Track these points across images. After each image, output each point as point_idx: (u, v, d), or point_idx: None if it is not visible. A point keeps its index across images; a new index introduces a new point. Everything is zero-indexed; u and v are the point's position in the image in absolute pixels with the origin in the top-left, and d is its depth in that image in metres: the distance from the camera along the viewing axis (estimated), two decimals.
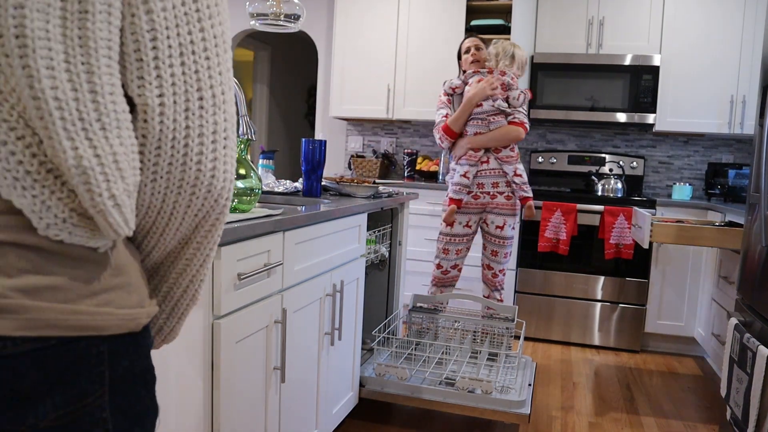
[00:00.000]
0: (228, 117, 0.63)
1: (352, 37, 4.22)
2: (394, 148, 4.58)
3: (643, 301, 3.58)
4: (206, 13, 0.60)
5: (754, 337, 2.07)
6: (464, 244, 2.94)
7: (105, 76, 0.54)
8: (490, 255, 2.94)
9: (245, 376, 1.45)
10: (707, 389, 3.08)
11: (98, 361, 0.58)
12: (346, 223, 2.05)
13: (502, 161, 2.84)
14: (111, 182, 0.54)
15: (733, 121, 3.65)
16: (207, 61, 0.60)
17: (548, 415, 2.65)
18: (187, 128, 0.60)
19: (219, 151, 0.62)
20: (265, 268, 1.46)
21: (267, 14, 2.29)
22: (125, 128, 0.56)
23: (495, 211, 2.88)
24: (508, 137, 2.83)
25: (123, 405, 0.61)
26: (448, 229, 2.92)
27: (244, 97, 1.77)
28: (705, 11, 3.66)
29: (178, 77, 0.58)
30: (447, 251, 2.94)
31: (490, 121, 2.83)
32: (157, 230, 0.65)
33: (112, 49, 0.55)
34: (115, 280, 0.60)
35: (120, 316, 0.59)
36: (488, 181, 2.85)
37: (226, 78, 0.63)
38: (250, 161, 1.58)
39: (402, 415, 2.58)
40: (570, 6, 3.85)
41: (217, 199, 0.64)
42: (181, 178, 0.61)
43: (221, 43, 0.62)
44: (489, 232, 2.91)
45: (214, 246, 0.70)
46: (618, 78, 3.72)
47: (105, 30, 0.54)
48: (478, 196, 2.87)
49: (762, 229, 2.06)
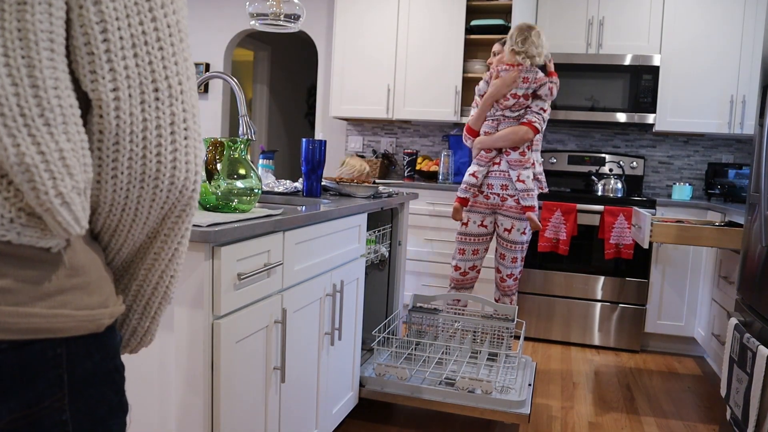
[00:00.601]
0: (187, 107, 0.61)
1: (352, 37, 4.22)
2: (394, 148, 4.58)
3: (643, 301, 3.58)
4: (158, 2, 0.59)
5: (754, 337, 2.07)
6: (481, 245, 2.93)
7: (47, 69, 0.52)
8: (498, 258, 2.93)
9: (245, 376, 1.45)
10: (707, 389, 3.08)
11: (55, 364, 0.56)
12: (346, 223, 2.05)
13: (510, 164, 2.81)
14: (57, 180, 0.52)
15: (733, 121, 3.65)
16: (161, 51, 0.59)
17: (548, 415, 2.65)
18: (144, 121, 0.58)
19: (179, 143, 0.61)
20: (265, 268, 1.46)
21: (267, 14, 2.29)
22: (73, 124, 0.54)
23: (504, 214, 2.87)
24: (515, 137, 2.78)
25: (86, 407, 0.60)
26: (464, 228, 2.93)
27: (244, 97, 1.77)
28: (705, 11, 3.66)
29: (132, 69, 0.57)
30: (463, 251, 2.93)
31: (500, 122, 2.82)
32: (124, 227, 0.64)
33: (55, 42, 0.53)
34: (72, 280, 0.58)
35: (78, 318, 0.58)
36: (497, 182, 2.84)
37: (183, 68, 0.61)
38: (250, 161, 1.58)
39: (402, 415, 2.58)
40: (570, 6, 3.85)
41: (182, 190, 0.63)
42: (142, 171, 0.60)
43: (176, 32, 0.60)
44: (499, 235, 2.91)
45: (182, 240, 0.69)
46: (618, 78, 3.72)
47: (46, 22, 0.52)
48: (489, 197, 2.87)
49: (762, 229, 2.06)
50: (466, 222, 2.91)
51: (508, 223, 2.85)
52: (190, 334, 1.30)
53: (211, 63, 4.93)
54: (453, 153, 4.17)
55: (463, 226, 2.93)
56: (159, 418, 1.36)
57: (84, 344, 0.59)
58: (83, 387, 0.59)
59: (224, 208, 1.51)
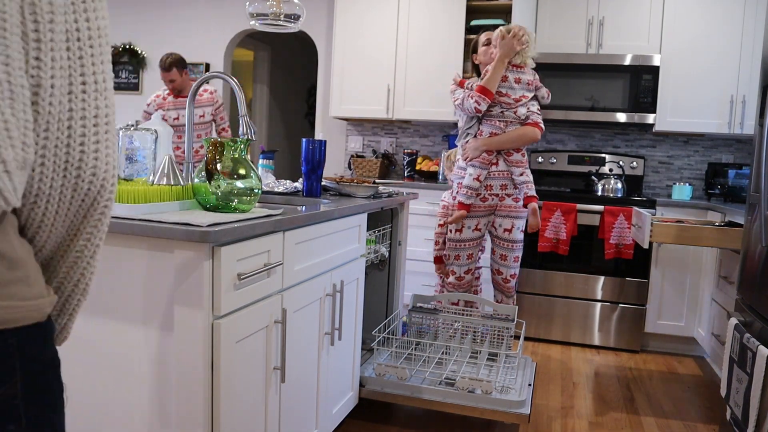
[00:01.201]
0: (109, 104, 0.65)
1: (352, 37, 4.22)
2: (394, 148, 4.58)
3: (643, 301, 3.58)
4: (91, 6, 0.63)
5: (754, 337, 2.07)
6: (475, 248, 2.88)
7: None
8: (499, 259, 2.88)
9: (245, 376, 1.45)
10: (707, 389, 3.08)
11: (7, 354, 0.58)
12: (346, 223, 2.05)
13: (511, 164, 2.79)
14: (2, 147, 0.54)
15: (733, 121, 3.65)
16: (91, 49, 0.63)
17: (548, 415, 2.65)
18: (71, 111, 0.62)
19: (101, 135, 0.64)
20: (265, 268, 1.46)
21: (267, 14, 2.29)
22: (20, 101, 0.57)
23: (503, 214, 2.83)
24: (525, 138, 2.77)
25: (35, 394, 0.62)
26: (457, 235, 2.85)
27: (244, 97, 1.77)
28: (705, 11, 3.66)
29: (65, 61, 0.61)
30: (459, 257, 2.88)
31: (508, 123, 2.77)
32: (48, 221, 0.66)
33: (8, 22, 0.55)
34: (15, 273, 0.60)
35: (26, 308, 0.60)
36: (497, 183, 2.80)
37: (108, 68, 0.66)
38: (250, 161, 1.58)
39: (402, 415, 2.58)
40: (570, 6, 3.85)
41: (103, 183, 0.66)
42: (66, 159, 0.62)
43: (103, 35, 0.65)
44: (497, 236, 2.86)
45: (103, 236, 0.71)
46: (618, 78, 3.72)
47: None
48: (486, 198, 2.81)
49: (762, 229, 2.06)
50: (460, 228, 2.84)
51: (508, 223, 2.83)
52: (190, 334, 1.30)
53: (211, 63, 4.93)
54: None
55: (457, 232, 2.85)
56: (159, 418, 1.36)
57: (31, 333, 0.61)
58: (34, 375, 0.62)
59: (224, 208, 1.51)
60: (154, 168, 1.65)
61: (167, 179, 1.56)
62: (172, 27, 5.01)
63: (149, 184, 1.53)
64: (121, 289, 1.36)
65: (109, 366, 1.39)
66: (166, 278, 1.32)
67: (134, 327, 1.36)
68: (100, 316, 1.38)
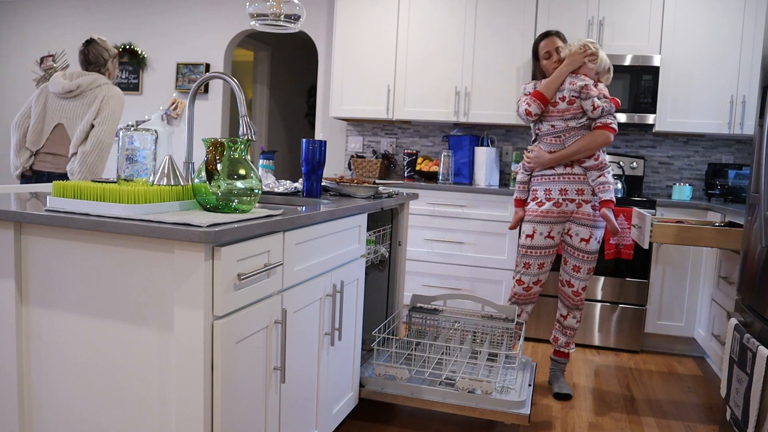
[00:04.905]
0: None
1: (352, 37, 4.22)
2: (394, 149, 4.58)
3: (643, 301, 3.58)
4: None
5: (754, 338, 2.07)
6: (547, 258, 2.74)
7: None
8: (571, 270, 2.75)
9: (245, 376, 1.45)
10: (707, 389, 3.08)
11: None
12: (346, 224, 2.05)
13: (587, 169, 2.67)
14: None
15: (733, 122, 3.65)
16: None
17: (548, 416, 2.65)
18: None
19: None
20: (265, 268, 1.46)
21: (267, 14, 2.29)
22: None
23: (581, 222, 2.69)
24: (593, 145, 2.62)
25: None
26: (529, 241, 2.72)
27: (244, 97, 1.77)
28: (705, 11, 3.66)
29: None
30: (528, 265, 2.74)
31: (563, 137, 2.65)
32: None
33: None
34: None
35: None
36: (572, 187, 2.67)
37: None
38: (250, 161, 1.58)
39: (402, 416, 2.58)
40: (570, 6, 3.85)
41: None
42: None
43: None
44: (572, 245, 2.72)
45: None
46: (618, 78, 3.71)
47: None
48: (560, 204, 2.67)
49: (762, 230, 2.06)
50: (531, 234, 2.71)
51: (586, 233, 2.68)
52: (190, 335, 1.30)
53: (211, 63, 4.93)
54: (453, 153, 4.17)
55: (528, 238, 2.72)
56: (159, 418, 1.36)
57: None
58: None
59: (224, 209, 1.51)
60: (154, 168, 1.65)
61: (167, 179, 1.56)
62: (172, 27, 5.01)
63: (149, 184, 1.53)
64: (121, 289, 1.36)
65: (109, 366, 1.39)
66: (166, 278, 1.32)
67: (134, 327, 1.36)
68: (100, 316, 1.38)
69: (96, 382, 1.40)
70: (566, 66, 2.64)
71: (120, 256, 1.35)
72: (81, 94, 2.99)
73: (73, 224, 1.34)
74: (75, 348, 1.41)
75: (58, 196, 1.45)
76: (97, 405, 1.41)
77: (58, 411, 1.45)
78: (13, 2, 5.47)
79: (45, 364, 1.45)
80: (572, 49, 2.66)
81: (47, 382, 1.46)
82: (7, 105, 5.54)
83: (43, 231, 1.42)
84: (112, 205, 1.37)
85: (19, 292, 1.45)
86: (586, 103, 2.61)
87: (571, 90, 2.63)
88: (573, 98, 2.63)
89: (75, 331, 1.41)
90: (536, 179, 2.77)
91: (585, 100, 2.61)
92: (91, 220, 1.32)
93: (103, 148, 2.96)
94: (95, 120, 2.96)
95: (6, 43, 5.51)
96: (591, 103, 2.60)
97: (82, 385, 1.42)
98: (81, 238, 1.38)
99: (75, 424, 1.44)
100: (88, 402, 1.42)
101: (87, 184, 1.44)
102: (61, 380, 1.44)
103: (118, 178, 1.63)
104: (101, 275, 1.37)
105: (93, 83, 2.99)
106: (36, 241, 1.42)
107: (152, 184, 1.55)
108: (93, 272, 1.38)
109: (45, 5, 5.37)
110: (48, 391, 1.46)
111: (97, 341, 1.39)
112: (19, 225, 1.43)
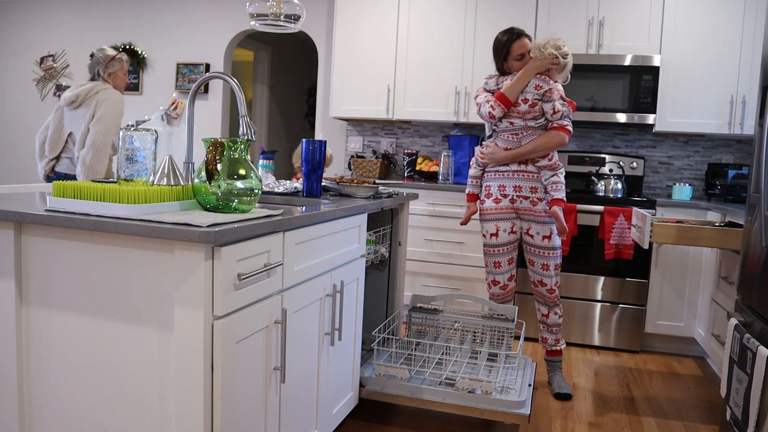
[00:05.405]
0: None
1: (352, 37, 4.22)
2: (394, 149, 4.58)
3: (643, 301, 3.58)
4: None
5: (754, 338, 2.07)
6: (514, 252, 2.79)
7: None
8: (540, 270, 2.77)
9: (245, 376, 1.45)
10: (707, 389, 3.08)
11: None
12: (346, 224, 2.05)
13: (541, 168, 2.71)
14: None
15: (733, 122, 3.65)
16: None
17: (548, 416, 2.65)
18: None
19: None
20: (265, 268, 1.46)
21: (267, 14, 2.29)
22: None
23: (540, 220, 2.72)
24: (551, 144, 2.66)
25: None
26: (493, 240, 2.75)
27: (244, 97, 1.77)
28: (705, 11, 3.66)
29: None
30: (499, 264, 2.78)
31: (521, 135, 2.68)
32: None
33: None
34: None
35: None
36: (526, 185, 2.70)
37: None
38: (250, 161, 1.58)
39: (402, 416, 2.58)
40: (570, 6, 3.85)
41: None
42: None
43: None
44: (535, 245, 2.75)
45: None
46: (618, 78, 3.72)
47: None
48: (515, 200, 2.71)
49: (762, 229, 2.06)
50: (495, 232, 2.74)
51: (546, 230, 2.72)
52: (190, 335, 1.30)
53: (211, 63, 4.93)
54: (453, 153, 4.17)
55: (493, 237, 2.75)
56: (159, 418, 1.36)
57: None
58: None
59: (224, 209, 1.51)
60: (154, 168, 1.65)
61: (167, 179, 1.56)
62: (172, 27, 5.01)
63: (149, 184, 1.53)
64: (121, 289, 1.36)
65: (109, 366, 1.39)
66: (166, 278, 1.32)
67: (134, 327, 1.36)
68: (100, 316, 1.38)
69: (96, 382, 1.40)
70: (532, 70, 2.66)
71: (120, 256, 1.35)
72: (82, 103, 3.30)
73: (73, 224, 1.34)
74: (75, 348, 1.41)
75: (58, 196, 1.45)
76: (97, 405, 1.41)
77: (58, 411, 1.45)
78: (13, 2, 5.47)
79: (45, 364, 1.45)
80: (544, 52, 2.64)
81: (47, 382, 1.46)
82: (7, 105, 5.54)
83: (43, 231, 1.42)
84: (112, 205, 1.37)
85: (19, 292, 1.45)
86: (547, 106, 2.66)
87: (535, 93, 2.66)
88: (536, 101, 2.67)
89: (75, 331, 1.41)
90: (489, 174, 2.80)
91: (546, 103, 2.66)
92: (91, 220, 1.32)
93: (99, 148, 3.22)
94: (90, 123, 3.26)
95: (6, 43, 5.51)
96: (552, 106, 2.65)
97: (82, 385, 1.42)
98: (81, 238, 1.38)
99: (75, 424, 1.44)
100: (88, 402, 1.42)
101: (87, 184, 1.44)
102: (61, 380, 1.44)
103: (118, 178, 1.63)
104: (101, 275, 1.37)
105: (91, 91, 3.30)
106: (36, 241, 1.42)
107: (152, 184, 1.55)
108: (93, 272, 1.38)
109: (45, 5, 5.37)
110: (48, 391, 1.46)
111: (97, 341, 1.39)
112: (19, 225, 1.43)
